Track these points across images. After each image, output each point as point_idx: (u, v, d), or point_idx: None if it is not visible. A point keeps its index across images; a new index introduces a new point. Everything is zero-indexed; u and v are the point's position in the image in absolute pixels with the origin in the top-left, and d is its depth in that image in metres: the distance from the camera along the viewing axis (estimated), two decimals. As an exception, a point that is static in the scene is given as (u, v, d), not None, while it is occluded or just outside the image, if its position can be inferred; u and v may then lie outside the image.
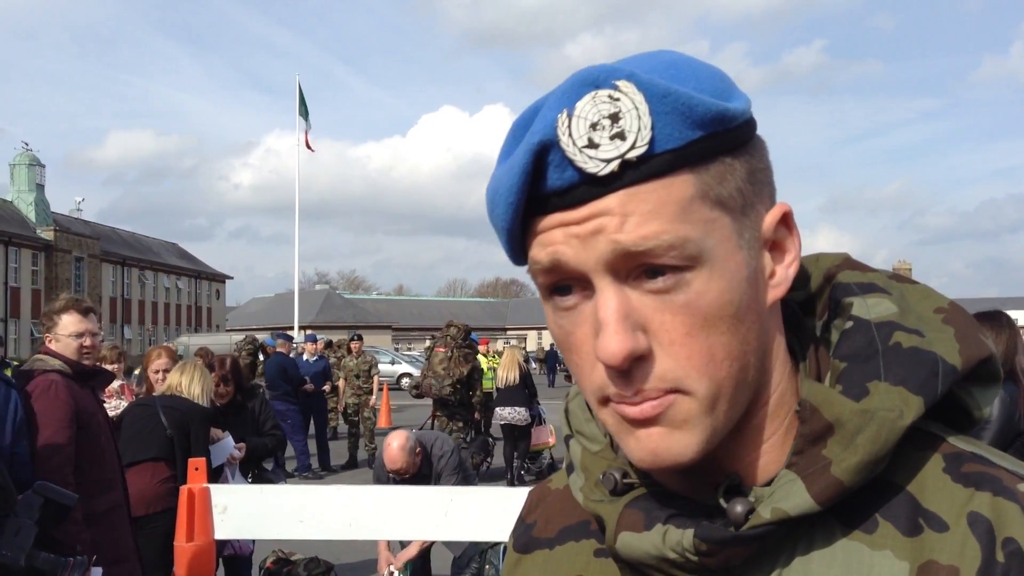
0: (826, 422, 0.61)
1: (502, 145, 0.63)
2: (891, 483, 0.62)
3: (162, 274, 55.94)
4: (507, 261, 0.66)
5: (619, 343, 0.57)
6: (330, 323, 52.84)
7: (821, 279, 0.71)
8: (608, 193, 0.57)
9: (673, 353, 0.58)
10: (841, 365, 0.64)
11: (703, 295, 0.58)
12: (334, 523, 3.69)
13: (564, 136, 0.56)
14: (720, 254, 0.58)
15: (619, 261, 0.57)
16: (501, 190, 0.59)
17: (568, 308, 0.61)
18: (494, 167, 0.63)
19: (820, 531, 0.62)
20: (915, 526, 0.60)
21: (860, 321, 0.66)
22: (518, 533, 0.83)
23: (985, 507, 0.59)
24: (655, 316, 0.58)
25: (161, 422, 4.59)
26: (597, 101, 0.56)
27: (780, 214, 0.63)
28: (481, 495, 3.78)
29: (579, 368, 0.62)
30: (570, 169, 0.57)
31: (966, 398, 0.65)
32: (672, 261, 0.57)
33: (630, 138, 0.55)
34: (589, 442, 0.73)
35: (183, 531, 3.78)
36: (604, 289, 0.58)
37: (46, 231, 44.16)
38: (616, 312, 0.57)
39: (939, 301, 0.68)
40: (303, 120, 29.06)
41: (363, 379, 12.48)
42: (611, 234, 0.57)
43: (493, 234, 0.63)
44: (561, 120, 0.56)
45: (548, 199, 0.58)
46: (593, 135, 0.56)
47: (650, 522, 0.64)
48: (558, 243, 0.58)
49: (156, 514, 4.25)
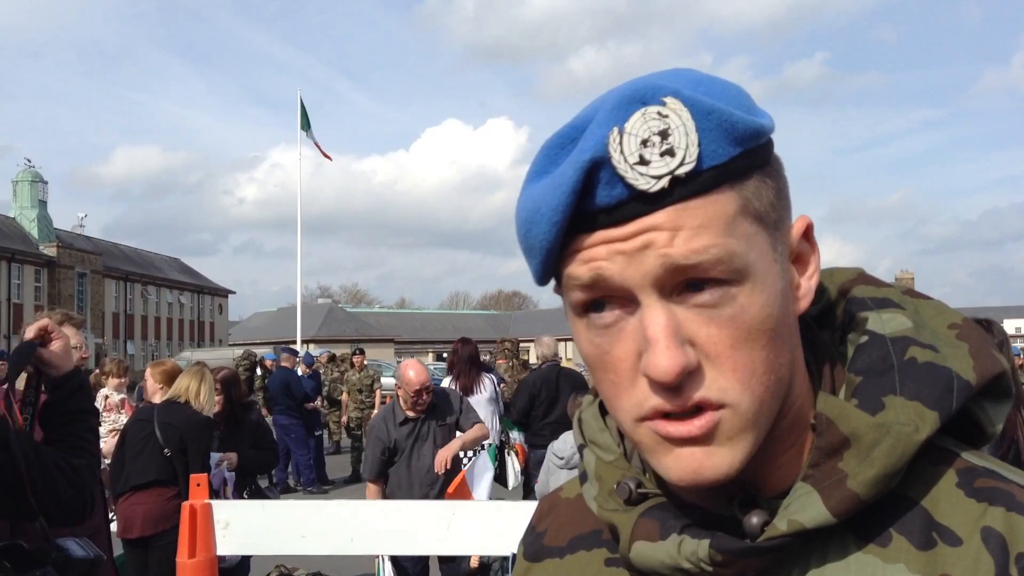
0: (842, 435, 0.62)
1: (533, 164, 0.63)
2: (905, 497, 0.62)
3: (165, 289, 56.06)
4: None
5: (671, 359, 0.57)
6: (333, 337, 52.85)
7: (836, 293, 0.72)
8: (657, 209, 0.57)
9: (719, 366, 0.59)
10: (856, 379, 0.65)
11: (747, 309, 0.58)
12: (336, 538, 3.68)
13: (616, 153, 0.56)
14: (761, 268, 0.59)
15: (667, 276, 0.57)
16: (544, 209, 0.59)
17: (606, 325, 0.61)
18: (522, 187, 0.63)
19: (834, 544, 0.62)
20: (929, 540, 0.60)
21: (875, 335, 0.67)
22: (528, 541, 0.83)
23: (998, 522, 0.59)
24: (701, 330, 0.58)
25: (157, 440, 4.59)
26: (647, 118, 0.57)
27: (804, 227, 0.65)
28: (483, 509, 3.76)
29: (615, 386, 0.61)
30: (620, 186, 0.57)
31: (979, 413, 0.66)
32: (719, 275, 0.58)
33: (679, 155, 0.56)
34: (603, 451, 0.74)
35: (185, 547, 3.76)
36: (652, 305, 0.58)
37: (49, 247, 44.30)
38: (665, 327, 0.57)
39: (953, 317, 0.69)
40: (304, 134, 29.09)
41: (366, 393, 12.51)
42: (660, 249, 0.57)
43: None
44: (612, 137, 0.57)
45: (593, 216, 0.58)
46: (644, 152, 0.56)
47: (665, 532, 0.64)
48: (601, 259, 0.58)
49: (165, 532, 4.25)
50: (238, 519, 3.79)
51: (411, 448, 4.99)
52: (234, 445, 5.36)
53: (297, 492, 11.04)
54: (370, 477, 5.06)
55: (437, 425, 5.10)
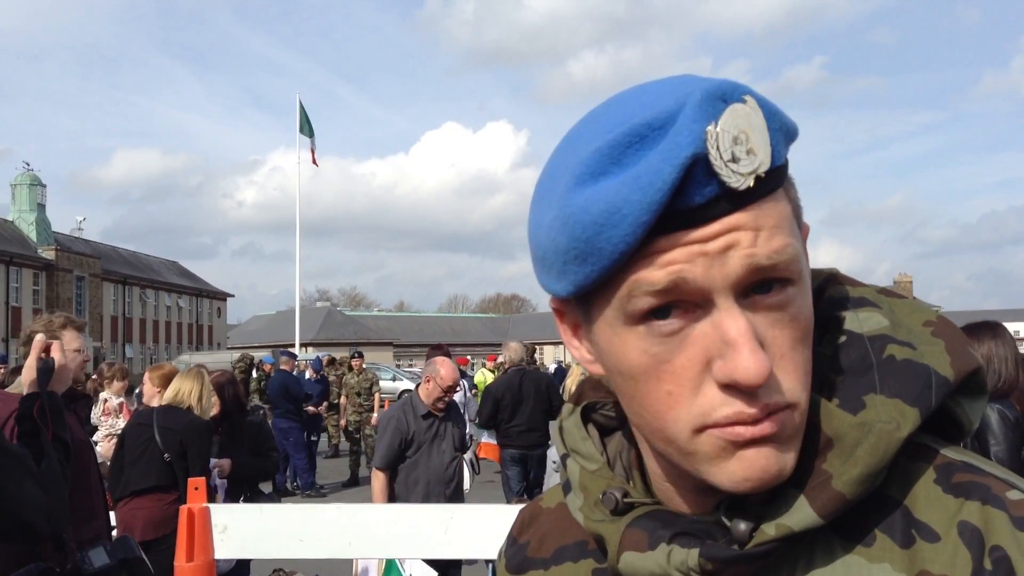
0: (826, 436, 0.62)
1: (586, 165, 0.58)
2: (885, 495, 0.62)
3: (163, 292, 55.98)
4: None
5: (760, 362, 0.56)
6: (331, 340, 52.82)
7: (812, 293, 0.71)
8: (740, 209, 0.57)
9: (783, 367, 0.59)
10: (838, 379, 0.65)
11: (802, 309, 0.60)
12: (334, 542, 3.67)
13: (713, 150, 0.55)
14: (806, 270, 0.61)
15: (748, 277, 0.57)
16: (627, 208, 0.56)
17: (671, 332, 0.58)
18: (570, 189, 0.59)
19: (820, 546, 0.62)
20: (909, 538, 0.60)
21: (853, 335, 0.67)
22: (510, 554, 0.82)
23: (975, 516, 0.59)
24: (768, 332, 0.58)
25: (157, 445, 4.57)
26: (736, 115, 0.56)
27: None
28: (481, 512, 3.76)
29: (671, 397, 0.59)
30: (713, 184, 0.56)
31: (955, 409, 0.66)
32: (789, 275, 0.58)
33: (760, 153, 0.56)
34: (586, 461, 0.73)
35: (183, 551, 3.75)
36: (730, 308, 0.57)
37: (47, 250, 44.24)
38: (748, 331, 0.57)
39: (927, 314, 0.69)
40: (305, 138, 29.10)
41: (364, 396, 12.48)
42: (745, 249, 0.56)
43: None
44: (711, 132, 0.55)
45: (679, 216, 0.56)
46: (735, 149, 0.56)
47: (654, 541, 0.63)
48: (681, 262, 0.57)
49: (166, 536, 4.23)
50: (236, 523, 3.78)
51: (431, 444, 5.04)
52: (230, 450, 5.31)
53: (295, 496, 11.03)
54: (383, 465, 5.03)
55: (453, 427, 5.20)
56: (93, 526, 3.48)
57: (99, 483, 3.62)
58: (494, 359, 13.32)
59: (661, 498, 0.68)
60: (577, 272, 0.60)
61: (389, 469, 5.02)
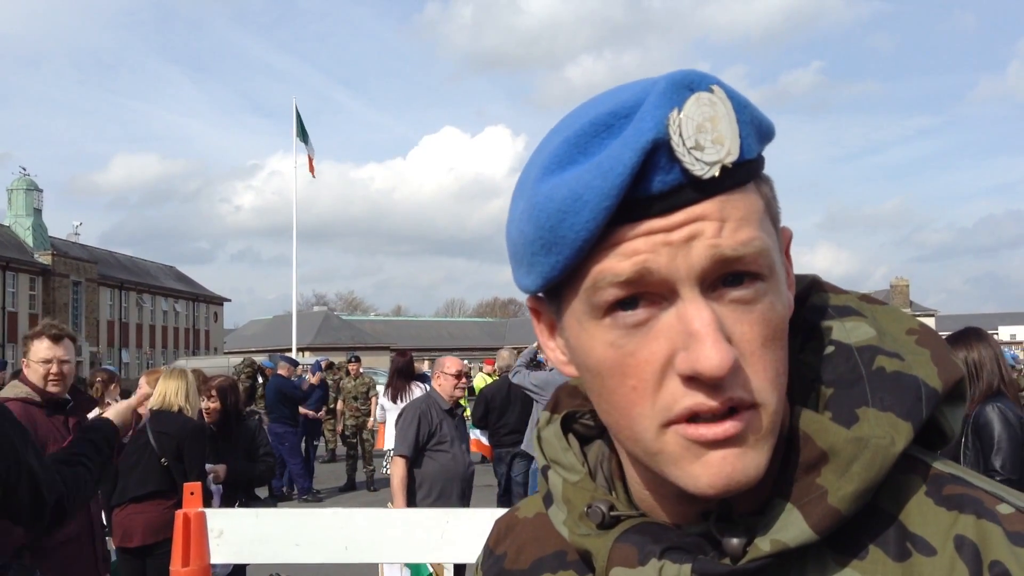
0: (820, 450, 0.60)
1: (554, 156, 0.58)
2: (878, 508, 0.62)
3: (160, 297, 55.90)
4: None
5: (723, 353, 0.54)
6: (328, 344, 52.75)
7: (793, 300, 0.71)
8: (705, 199, 0.55)
9: (752, 365, 0.57)
10: (828, 391, 0.64)
11: (773, 307, 0.58)
12: (330, 546, 3.67)
13: (676, 135, 0.54)
14: (778, 267, 0.59)
15: (713, 268, 0.56)
16: (588, 195, 0.55)
17: (636, 324, 0.57)
18: (538, 179, 0.59)
19: (812, 560, 0.61)
20: (903, 551, 0.60)
21: (841, 345, 0.66)
22: (487, 566, 0.80)
23: (970, 530, 0.59)
24: (736, 327, 0.57)
25: (153, 450, 4.56)
26: (700, 103, 0.55)
27: (789, 237, 0.65)
28: (476, 516, 3.76)
29: (635, 392, 0.58)
30: (675, 171, 0.55)
31: (939, 417, 0.65)
32: (757, 269, 0.57)
33: (727, 143, 0.55)
34: (568, 472, 0.71)
35: (179, 556, 3.74)
36: (694, 299, 0.56)
37: (43, 255, 44.16)
38: (712, 322, 0.55)
39: (910, 323, 0.68)
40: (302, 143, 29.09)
41: (361, 401, 12.47)
42: (709, 239, 0.55)
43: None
44: (673, 118, 0.54)
45: (641, 204, 0.55)
46: (699, 137, 0.55)
47: (644, 557, 0.62)
48: (645, 251, 0.56)
49: (166, 540, 4.22)
50: (232, 528, 3.78)
51: (452, 443, 5.22)
52: (227, 456, 5.29)
53: (291, 500, 11.01)
54: (407, 452, 5.14)
55: (466, 431, 5.50)
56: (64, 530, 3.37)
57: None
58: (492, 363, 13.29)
59: (643, 507, 0.67)
60: (544, 263, 0.59)
61: (411, 457, 5.13)
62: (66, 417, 3.68)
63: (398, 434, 5.27)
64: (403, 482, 5.10)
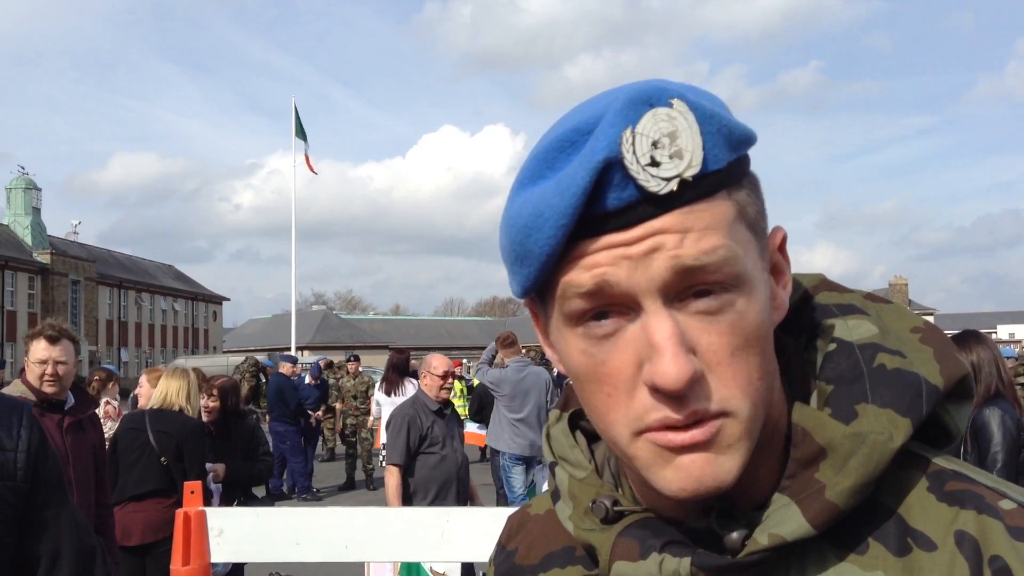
0: (818, 446, 0.61)
1: (525, 171, 0.61)
2: (878, 503, 0.62)
3: (159, 296, 55.87)
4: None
5: (680, 366, 0.55)
6: (327, 343, 52.75)
7: (798, 300, 0.71)
8: (664, 213, 0.56)
9: (720, 374, 0.58)
10: (828, 388, 0.65)
11: (745, 316, 0.58)
12: (330, 545, 3.67)
13: (628, 154, 0.55)
14: (755, 275, 0.59)
15: (675, 280, 0.57)
16: (548, 212, 0.57)
17: (605, 335, 0.59)
18: (513, 193, 0.61)
19: (813, 554, 0.62)
20: (904, 546, 0.60)
21: (843, 343, 0.67)
22: (499, 561, 0.82)
23: (971, 525, 0.59)
24: (702, 337, 0.57)
25: (153, 449, 4.56)
26: (658, 119, 0.56)
27: (781, 238, 0.65)
28: (477, 515, 3.76)
29: (610, 399, 0.60)
30: (630, 188, 0.56)
31: (943, 415, 0.66)
32: (723, 279, 0.57)
33: (687, 157, 0.56)
34: (574, 468, 0.72)
35: (179, 555, 3.74)
36: (656, 312, 0.57)
37: (42, 254, 44.14)
38: (673, 335, 0.56)
39: (914, 321, 0.69)
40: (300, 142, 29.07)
41: (360, 400, 12.47)
42: (670, 251, 0.56)
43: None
44: (625, 137, 0.55)
45: (599, 220, 0.57)
46: (655, 153, 0.55)
47: (645, 550, 0.63)
48: (605, 265, 0.57)
49: (166, 539, 4.22)
50: (232, 526, 3.78)
51: (444, 442, 5.16)
52: (225, 455, 5.29)
53: (291, 499, 11.01)
54: (400, 461, 5.10)
55: (458, 429, 5.37)
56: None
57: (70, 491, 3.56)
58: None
59: (647, 503, 0.68)
60: (519, 273, 0.61)
61: (404, 465, 5.10)
62: (62, 417, 3.66)
63: (388, 442, 5.27)
64: (397, 490, 5.06)
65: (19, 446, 1.64)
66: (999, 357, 3.73)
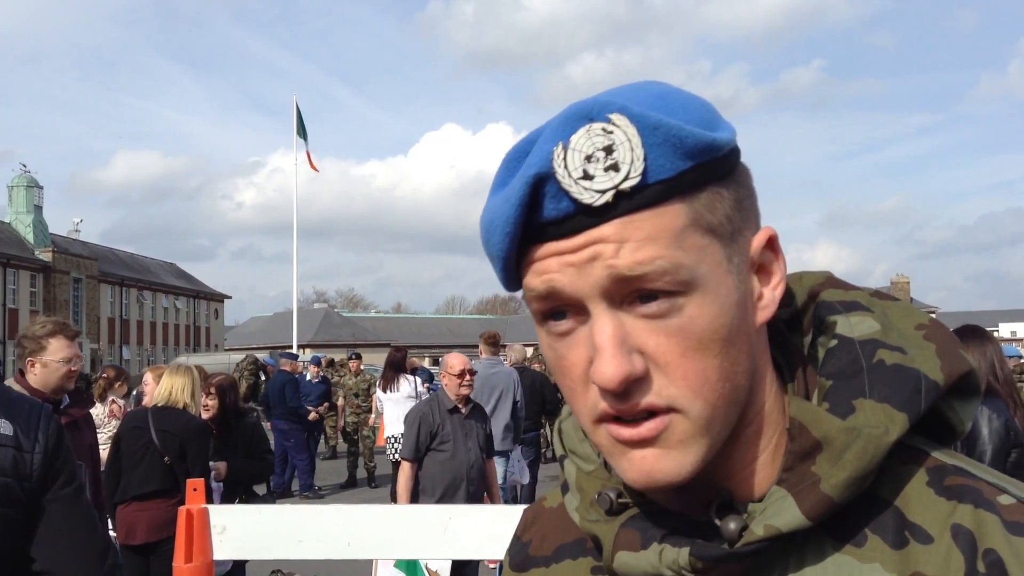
0: (814, 439, 0.63)
1: (495, 175, 0.65)
2: (878, 497, 0.64)
3: (160, 294, 55.90)
4: None
5: (615, 367, 0.58)
6: (328, 341, 52.77)
7: (805, 297, 0.73)
8: (603, 222, 0.58)
9: (669, 373, 0.60)
10: (827, 383, 0.66)
11: (696, 319, 0.60)
12: (333, 543, 3.67)
13: (560, 168, 0.58)
14: (712, 280, 0.60)
15: (614, 287, 0.59)
16: (497, 221, 0.61)
17: (562, 333, 0.63)
18: (488, 196, 0.65)
19: (811, 546, 0.63)
20: (901, 539, 0.62)
21: (844, 339, 0.68)
22: (514, 551, 0.84)
23: (967, 519, 0.61)
24: (650, 339, 0.60)
25: (156, 448, 4.55)
26: (591, 134, 0.58)
27: (766, 238, 0.65)
28: (480, 513, 3.77)
29: (571, 391, 0.64)
30: (566, 200, 0.59)
31: (948, 412, 0.67)
32: (666, 286, 0.59)
33: (624, 169, 0.58)
34: (583, 462, 0.75)
35: (181, 552, 3.75)
36: (600, 315, 0.60)
37: (44, 252, 44.17)
38: (612, 337, 0.59)
39: (920, 318, 0.70)
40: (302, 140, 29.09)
41: (362, 398, 12.48)
42: (607, 260, 0.58)
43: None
44: (557, 153, 0.58)
45: (544, 228, 0.60)
46: (588, 167, 0.58)
47: (646, 541, 0.65)
48: (552, 271, 0.60)
49: (170, 537, 4.23)
50: (235, 524, 3.78)
51: (461, 440, 5.22)
52: (226, 453, 5.29)
53: (294, 497, 11.03)
54: (410, 456, 5.18)
55: (480, 427, 5.40)
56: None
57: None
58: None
59: (654, 498, 0.69)
60: (495, 273, 0.65)
61: (416, 460, 5.15)
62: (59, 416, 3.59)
63: (403, 438, 5.39)
64: (406, 485, 5.14)
65: (36, 448, 1.66)
66: (997, 353, 3.72)
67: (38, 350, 3.51)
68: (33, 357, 3.51)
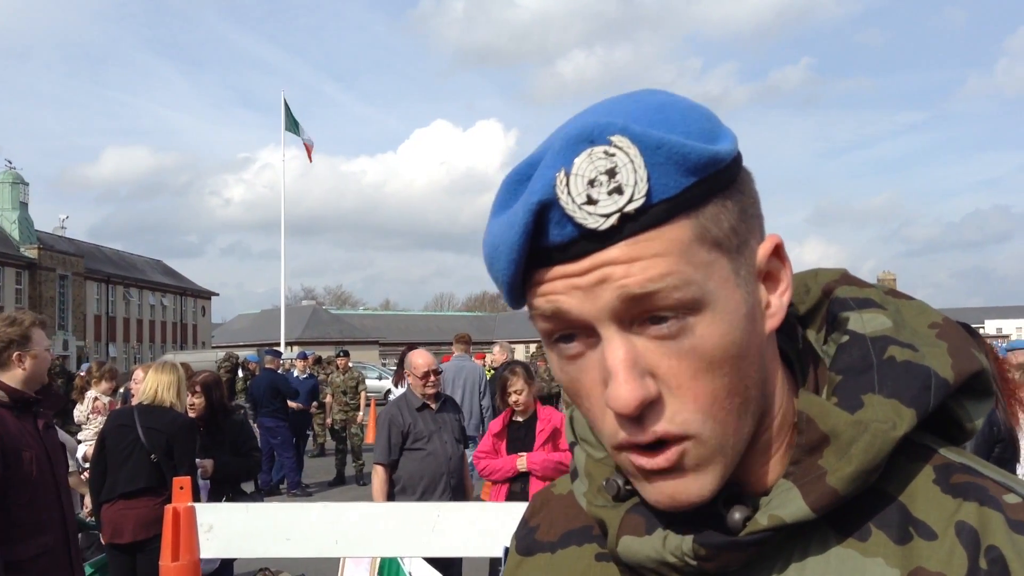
0: (822, 433, 0.63)
1: (496, 197, 0.64)
2: (884, 492, 0.64)
3: (147, 291, 55.63)
4: None
5: (629, 391, 0.58)
6: (316, 339, 52.64)
7: (820, 293, 0.73)
8: (609, 245, 0.58)
9: (680, 397, 0.60)
10: (837, 378, 0.67)
11: (707, 339, 0.59)
12: (321, 541, 3.67)
13: (563, 195, 0.57)
14: (721, 296, 0.60)
15: (625, 308, 0.58)
16: (502, 247, 0.60)
17: (573, 356, 0.62)
18: (489, 218, 0.64)
19: (815, 538, 0.64)
20: (905, 534, 0.62)
21: (856, 335, 0.68)
22: (520, 536, 0.85)
23: (972, 516, 0.61)
24: (662, 361, 0.59)
25: (143, 446, 4.52)
26: (594, 158, 0.57)
27: (772, 246, 0.65)
28: (468, 510, 3.76)
29: (590, 413, 0.64)
30: (570, 225, 0.58)
31: (959, 411, 0.67)
32: (676, 303, 0.58)
33: (627, 192, 0.57)
34: (593, 449, 0.76)
35: (168, 551, 3.74)
36: (611, 338, 0.59)
37: (30, 249, 43.90)
38: (625, 360, 0.59)
39: (933, 316, 0.70)
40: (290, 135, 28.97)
41: (350, 395, 12.45)
42: (617, 281, 0.58)
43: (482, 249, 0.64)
44: (559, 179, 0.58)
45: (549, 252, 0.59)
46: (591, 192, 0.57)
47: (651, 527, 0.66)
48: (559, 293, 0.60)
49: (157, 536, 4.20)
50: (222, 522, 3.77)
51: (432, 437, 5.19)
52: (213, 451, 5.27)
53: (281, 495, 10.99)
54: (384, 460, 5.14)
55: (453, 419, 5.37)
56: (41, 540, 3.19)
57: (54, 494, 3.30)
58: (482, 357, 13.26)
59: None
60: (501, 292, 0.65)
61: (388, 464, 5.12)
62: (35, 419, 3.34)
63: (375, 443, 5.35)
64: (380, 489, 5.10)
65: None
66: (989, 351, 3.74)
67: (27, 343, 3.35)
68: (23, 351, 3.34)
